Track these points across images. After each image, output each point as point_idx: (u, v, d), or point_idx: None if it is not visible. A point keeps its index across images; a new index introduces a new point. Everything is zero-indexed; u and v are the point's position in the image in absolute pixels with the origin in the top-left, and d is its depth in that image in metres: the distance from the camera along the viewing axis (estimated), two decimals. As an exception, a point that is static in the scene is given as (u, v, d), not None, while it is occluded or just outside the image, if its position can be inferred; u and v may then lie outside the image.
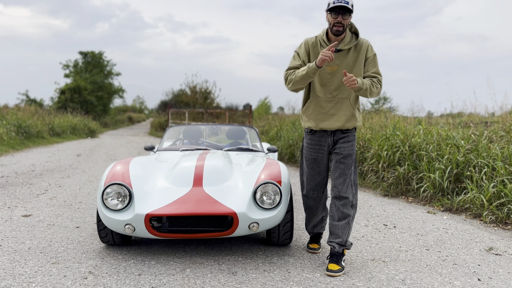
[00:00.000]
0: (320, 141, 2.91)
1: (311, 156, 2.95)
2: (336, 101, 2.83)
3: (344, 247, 2.82)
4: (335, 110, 2.83)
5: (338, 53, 2.77)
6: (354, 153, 2.88)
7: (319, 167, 2.95)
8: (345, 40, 2.77)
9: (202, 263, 2.88)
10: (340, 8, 2.65)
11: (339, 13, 2.66)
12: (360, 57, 2.80)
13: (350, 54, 2.79)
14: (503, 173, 4.52)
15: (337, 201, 2.82)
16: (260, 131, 13.33)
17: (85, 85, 29.76)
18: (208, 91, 24.26)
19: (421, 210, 4.77)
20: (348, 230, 2.82)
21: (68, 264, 2.82)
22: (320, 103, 2.86)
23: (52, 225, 3.81)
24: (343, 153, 2.83)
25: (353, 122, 2.85)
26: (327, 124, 2.84)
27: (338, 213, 2.81)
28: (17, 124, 12.74)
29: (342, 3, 2.61)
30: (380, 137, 6.53)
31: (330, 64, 2.78)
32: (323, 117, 2.85)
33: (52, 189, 5.60)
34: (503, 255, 3.22)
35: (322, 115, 2.85)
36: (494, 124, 6.03)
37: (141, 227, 2.80)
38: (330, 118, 2.83)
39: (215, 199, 2.90)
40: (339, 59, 2.78)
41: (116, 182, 2.91)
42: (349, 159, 2.83)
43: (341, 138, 2.86)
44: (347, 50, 2.79)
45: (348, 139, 2.87)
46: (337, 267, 2.73)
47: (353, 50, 2.80)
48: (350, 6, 2.64)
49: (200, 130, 5.14)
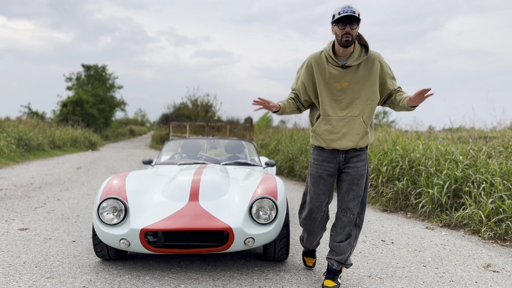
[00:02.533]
0: (329, 157, 2.69)
1: (317, 173, 2.71)
2: (348, 120, 2.62)
3: (343, 265, 2.75)
4: (347, 129, 2.62)
5: (347, 69, 2.61)
6: (366, 172, 2.71)
7: (325, 186, 2.70)
8: (354, 55, 2.60)
9: (197, 278, 2.86)
10: (347, 18, 2.47)
11: (346, 24, 2.48)
12: (373, 73, 2.61)
13: (360, 70, 2.61)
14: (502, 189, 4.51)
15: (344, 223, 2.70)
16: (260, 145, 13.34)
17: (87, 98, 29.96)
18: (209, 105, 24.39)
19: (419, 225, 4.75)
20: (350, 250, 2.72)
21: (62, 278, 2.81)
22: (331, 122, 2.65)
23: (48, 239, 3.80)
24: (356, 173, 2.65)
25: (366, 140, 2.66)
26: (339, 144, 2.63)
27: (341, 234, 2.71)
28: (18, 137, 12.79)
29: (349, 13, 2.45)
30: (379, 152, 6.54)
31: (339, 80, 2.62)
32: (335, 137, 2.63)
33: (51, 202, 5.60)
34: (501, 272, 3.20)
35: (333, 134, 2.64)
36: (493, 140, 6.03)
37: (136, 242, 2.79)
38: (343, 138, 2.63)
39: (211, 214, 2.90)
40: (348, 75, 2.61)
41: (111, 196, 2.92)
42: (362, 180, 2.67)
43: (354, 156, 2.67)
44: (356, 66, 2.61)
45: (361, 158, 2.68)
46: (333, 284, 2.67)
47: (364, 65, 2.62)
48: (357, 15, 2.47)
49: (198, 144, 5.16)
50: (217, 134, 18.64)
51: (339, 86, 2.63)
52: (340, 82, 2.63)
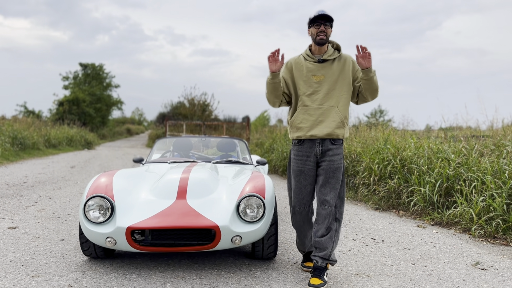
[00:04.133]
0: (307, 151, 2.87)
1: (298, 167, 2.90)
2: (324, 109, 2.85)
3: (327, 261, 2.79)
4: (323, 117, 2.84)
5: (323, 63, 2.90)
6: (342, 166, 2.88)
7: (306, 180, 2.88)
8: (328, 52, 2.92)
9: (184, 277, 2.85)
10: (321, 18, 2.82)
11: (321, 24, 2.83)
12: (345, 68, 2.90)
13: (334, 65, 2.90)
14: (493, 187, 4.51)
15: (323, 215, 2.80)
16: (256, 144, 13.33)
17: (83, 97, 29.84)
18: (206, 104, 24.34)
19: (411, 224, 4.75)
20: (331, 244, 2.80)
21: (48, 277, 2.79)
22: (309, 111, 2.87)
23: (37, 237, 3.78)
24: (332, 166, 2.82)
25: (342, 130, 2.86)
26: (316, 131, 2.83)
27: (321, 229, 2.79)
28: (13, 136, 12.74)
29: (323, 13, 2.81)
30: (371, 151, 6.53)
31: (316, 73, 2.89)
32: (312, 124, 2.85)
33: (42, 201, 5.57)
34: (489, 270, 3.20)
35: (311, 122, 2.85)
36: (485, 138, 6.03)
37: (122, 240, 2.78)
38: (319, 125, 2.84)
39: (198, 212, 2.89)
40: (324, 69, 2.89)
41: (98, 194, 2.90)
42: (338, 173, 2.83)
43: (330, 149, 2.84)
44: (331, 61, 2.91)
45: (337, 151, 2.86)
46: (319, 281, 2.69)
47: (337, 61, 2.92)
48: (330, 15, 2.82)
49: (190, 142, 5.14)
50: (214, 133, 18.62)
51: (316, 79, 2.91)
52: (316, 75, 2.91)
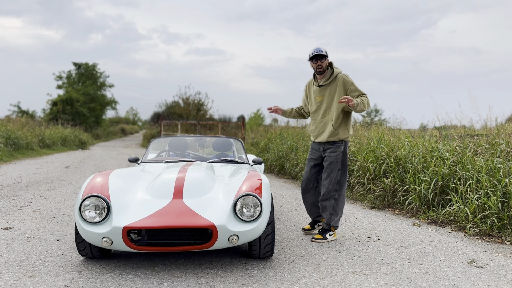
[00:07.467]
0: (315, 147, 4.03)
1: (310, 156, 4.08)
2: (324, 122, 3.91)
3: (329, 224, 3.85)
4: (323, 128, 3.92)
5: (321, 87, 3.88)
6: (339, 160, 3.87)
7: (310, 165, 4.05)
8: (326, 76, 3.86)
9: (181, 276, 2.84)
10: (317, 57, 3.77)
11: (317, 59, 3.79)
12: (338, 89, 3.80)
13: (330, 87, 3.85)
14: (487, 186, 4.54)
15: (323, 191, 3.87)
16: (251, 143, 13.32)
17: (77, 96, 29.64)
18: (201, 103, 24.29)
19: (406, 222, 4.77)
20: (330, 209, 3.82)
21: (44, 277, 2.77)
22: (315, 124, 4.00)
23: (32, 238, 3.76)
24: (328, 160, 3.88)
25: (336, 136, 3.85)
26: (319, 138, 3.95)
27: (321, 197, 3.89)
28: (6, 136, 12.63)
29: (318, 52, 3.74)
30: (365, 150, 6.55)
31: (318, 95, 3.91)
32: (317, 134, 3.98)
33: (37, 201, 5.54)
34: (485, 267, 3.22)
35: (316, 132, 3.98)
36: (480, 137, 6.07)
37: (118, 240, 2.77)
38: (321, 134, 3.93)
39: (195, 212, 2.88)
40: (323, 91, 3.88)
41: (93, 194, 2.89)
42: (333, 165, 3.85)
43: (328, 148, 3.90)
44: (328, 84, 3.85)
45: (333, 150, 3.88)
46: (320, 237, 3.80)
47: (332, 83, 3.84)
48: (324, 53, 3.75)
49: (185, 142, 5.13)
50: (209, 133, 18.58)
51: (318, 99, 3.94)
52: (318, 96, 3.93)
